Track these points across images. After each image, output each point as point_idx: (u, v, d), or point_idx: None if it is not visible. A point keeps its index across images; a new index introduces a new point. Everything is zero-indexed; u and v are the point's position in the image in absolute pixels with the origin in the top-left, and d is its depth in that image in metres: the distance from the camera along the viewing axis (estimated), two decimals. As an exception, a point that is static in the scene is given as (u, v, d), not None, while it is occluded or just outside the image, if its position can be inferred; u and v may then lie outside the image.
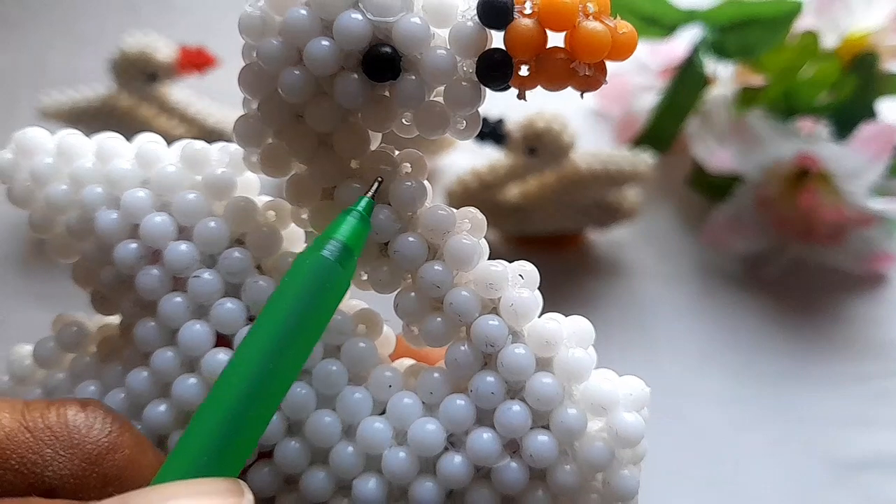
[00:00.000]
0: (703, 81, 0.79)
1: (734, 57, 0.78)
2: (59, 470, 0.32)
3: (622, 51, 0.32)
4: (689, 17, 0.78)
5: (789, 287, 0.76)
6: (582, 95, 0.33)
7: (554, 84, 0.33)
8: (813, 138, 0.75)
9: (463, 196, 0.73)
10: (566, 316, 0.38)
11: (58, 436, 0.32)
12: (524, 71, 0.32)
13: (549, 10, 0.31)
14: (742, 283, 0.77)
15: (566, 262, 0.77)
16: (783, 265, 0.77)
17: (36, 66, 0.89)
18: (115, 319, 0.41)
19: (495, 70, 0.32)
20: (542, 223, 0.75)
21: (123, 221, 0.37)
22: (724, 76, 0.82)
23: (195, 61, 0.75)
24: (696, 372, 0.71)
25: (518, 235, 0.78)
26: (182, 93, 0.77)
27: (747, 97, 0.78)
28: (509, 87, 0.33)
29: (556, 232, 0.77)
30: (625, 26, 0.32)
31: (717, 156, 0.77)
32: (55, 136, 0.40)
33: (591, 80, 0.32)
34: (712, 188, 0.79)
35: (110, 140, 0.40)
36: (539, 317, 0.37)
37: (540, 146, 0.70)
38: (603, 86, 0.33)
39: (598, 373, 0.37)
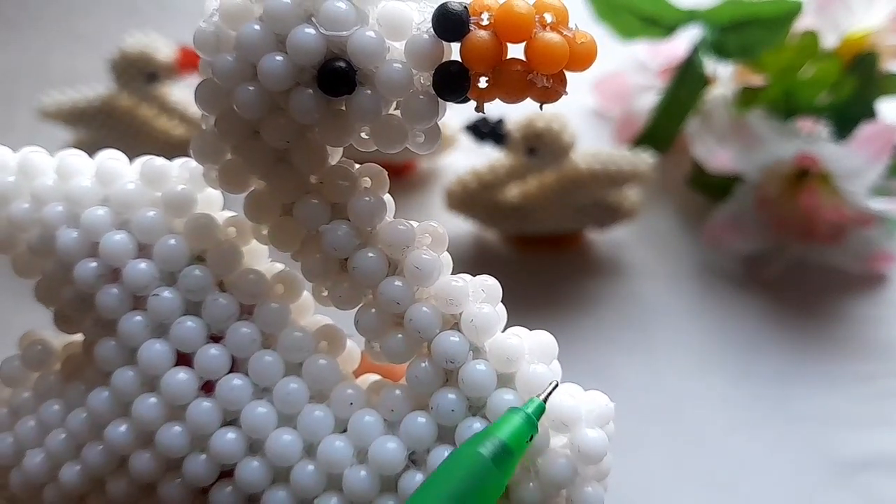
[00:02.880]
0: (703, 81, 0.79)
1: (734, 57, 0.78)
2: None
3: (581, 61, 0.32)
4: (689, 17, 0.78)
5: (789, 287, 0.76)
6: (541, 107, 0.33)
7: (511, 96, 0.32)
8: (813, 138, 0.74)
9: (463, 196, 0.73)
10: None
11: None
12: (483, 83, 0.32)
13: (504, 21, 0.31)
14: (742, 283, 0.77)
15: (566, 262, 0.77)
16: (783, 265, 0.77)
17: (36, 66, 0.90)
18: (79, 337, 0.40)
19: (452, 83, 0.32)
20: (542, 223, 0.75)
21: (83, 240, 0.37)
22: (724, 76, 0.81)
23: (195, 61, 0.74)
24: (696, 372, 0.71)
25: (518, 235, 0.78)
26: (182, 93, 0.77)
27: (747, 97, 0.78)
28: (468, 100, 0.33)
29: (556, 232, 0.77)
30: (583, 36, 0.32)
31: (717, 156, 0.77)
32: (17, 154, 0.40)
33: (549, 91, 0.32)
34: (712, 188, 0.79)
35: (72, 157, 0.39)
36: (504, 330, 0.37)
37: (540, 146, 0.70)
38: (563, 96, 0.32)
39: (562, 388, 0.37)
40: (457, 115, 0.77)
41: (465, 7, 0.31)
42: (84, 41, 0.91)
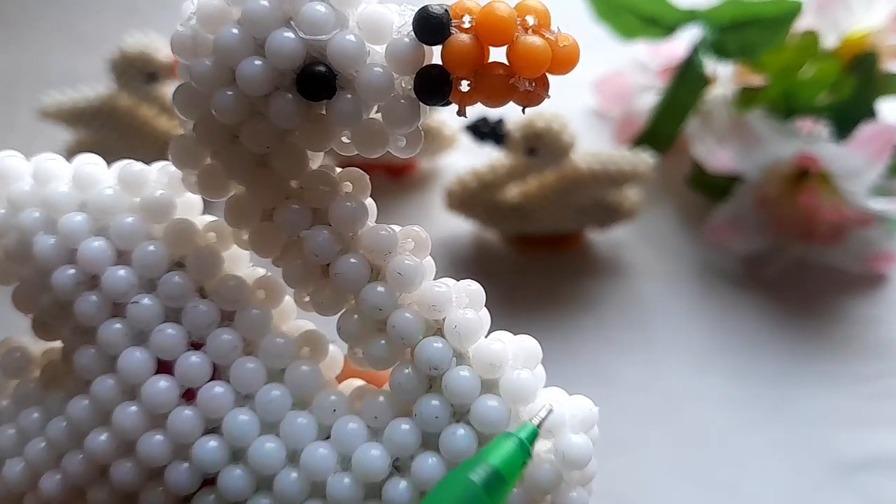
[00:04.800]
0: (703, 81, 0.79)
1: (734, 57, 0.78)
2: None
3: (563, 64, 0.32)
4: (689, 17, 0.78)
5: (789, 287, 0.76)
6: (523, 110, 0.33)
7: (494, 100, 0.32)
8: (813, 138, 0.74)
9: (463, 196, 0.73)
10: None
11: None
12: (464, 87, 0.32)
13: (486, 24, 0.31)
14: (742, 283, 0.77)
15: (566, 262, 0.77)
16: (783, 265, 0.76)
17: (36, 66, 0.90)
18: (59, 344, 0.40)
19: (433, 87, 0.32)
20: (542, 223, 0.75)
21: (61, 246, 0.37)
22: (724, 76, 0.81)
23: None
24: (696, 372, 0.71)
25: (518, 235, 0.77)
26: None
27: (747, 97, 0.78)
28: (449, 103, 0.33)
29: (556, 232, 0.77)
30: (565, 39, 0.31)
31: (717, 156, 0.76)
32: None
33: (532, 95, 0.32)
34: (712, 188, 0.79)
35: (49, 162, 0.39)
36: (487, 335, 0.36)
37: (540, 146, 0.70)
38: (545, 100, 0.32)
39: (546, 392, 0.37)
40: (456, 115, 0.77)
41: (447, 10, 0.31)
42: (84, 41, 0.91)
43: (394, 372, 0.36)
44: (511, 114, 0.69)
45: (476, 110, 0.70)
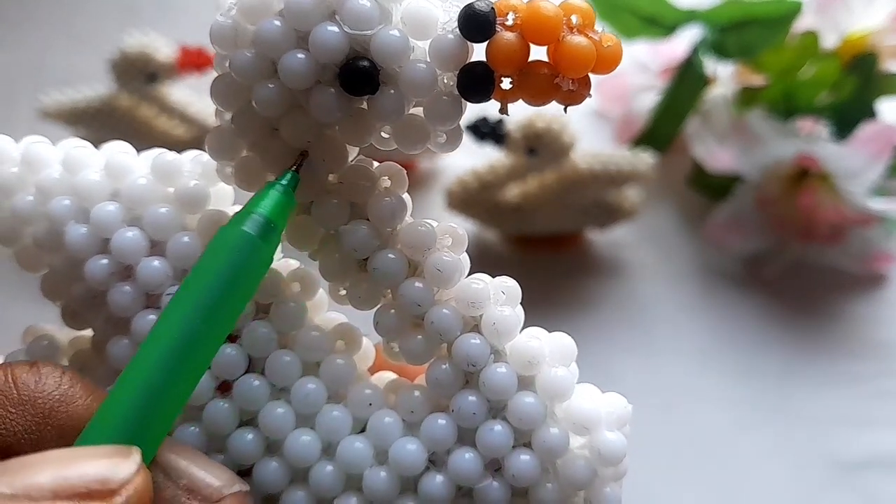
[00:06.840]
0: (703, 81, 0.79)
1: (734, 57, 0.78)
2: (11, 427, 0.31)
3: (607, 64, 0.31)
4: (689, 17, 0.78)
5: (789, 287, 0.76)
6: (565, 109, 0.32)
7: (537, 99, 0.32)
8: (813, 138, 0.75)
9: (463, 196, 0.73)
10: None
11: (7, 395, 0.32)
12: (506, 84, 0.32)
13: (532, 23, 0.31)
14: (742, 283, 0.77)
15: (566, 262, 0.77)
16: (783, 265, 0.77)
17: (36, 65, 0.89)
18: (87, 332, 0.39)
19: (477, 84, 0.32)
20: (542, 223, 0.75)
21: (93, 236, 0.36)
22: (724, 76, 0.81)
23: (195, 61, 0.75)
24: (696, 372, 0.71)
25: (518, 235, 0.78)
26: (182, 93, 0.77)
27: (747, 97, 0.78)
28: (490, 100, 0.32)
29: (556, 232, 0.77)
30: (609, 39, 0.31)
31: (717, 156, 0.77)
32: (20, 144, 0.39)
33: (574, 94, 0.32)
34: (712, 188, 0.79)
35: (78, 149, 0.39)
36: (521, 331, 0.36)
37: (540, 146, 0.70)
38: (587, 99, 0.32)
39: (580, 388, 0.36)
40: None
41: (492, 7, 0.31)
42: (84, 41, 0.91)
43: (431, 368, 0.36)
44: (511, 114, 0.70)
45: (476, 110, 0.70)
